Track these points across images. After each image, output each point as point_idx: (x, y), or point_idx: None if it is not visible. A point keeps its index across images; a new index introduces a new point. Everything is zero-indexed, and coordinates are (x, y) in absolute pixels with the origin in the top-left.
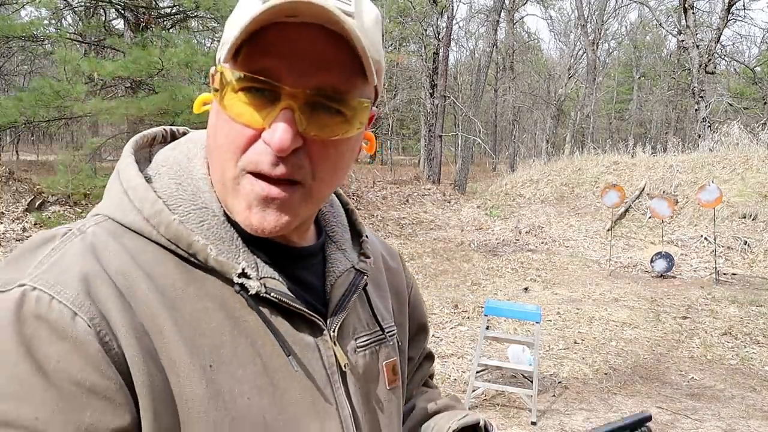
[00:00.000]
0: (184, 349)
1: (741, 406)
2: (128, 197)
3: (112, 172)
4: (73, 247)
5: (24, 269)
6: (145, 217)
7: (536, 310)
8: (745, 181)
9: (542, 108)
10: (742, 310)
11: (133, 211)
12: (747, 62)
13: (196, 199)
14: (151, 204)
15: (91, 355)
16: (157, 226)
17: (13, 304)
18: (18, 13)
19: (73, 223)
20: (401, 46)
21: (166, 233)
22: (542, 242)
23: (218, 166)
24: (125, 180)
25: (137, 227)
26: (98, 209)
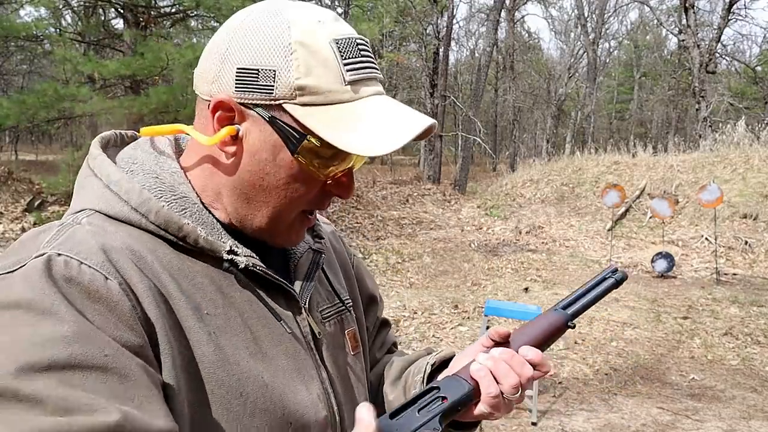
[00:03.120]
0: (192, 315)
1: (742, 407)
2: (111, 190)
3: (84, 167)
4: (78, 230)
5: (33, 248)
6: (133, 206)
7: (536, 311)
8: (746, 181)
9: (542, 108)
10: (742, 310)
11: (119, 202)
12: (748, 62)
13: (174, 190)
14: (138, 194)
15: (125, 315)
16: (146, 214)
17: (41, 267)
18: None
19: (62, 219)
20: (401, 46)
21: (156, 219)
22: (542, 242)
23: (273, 207)
24: (104, 175)
25: (125, 217)
26: (80, 205)
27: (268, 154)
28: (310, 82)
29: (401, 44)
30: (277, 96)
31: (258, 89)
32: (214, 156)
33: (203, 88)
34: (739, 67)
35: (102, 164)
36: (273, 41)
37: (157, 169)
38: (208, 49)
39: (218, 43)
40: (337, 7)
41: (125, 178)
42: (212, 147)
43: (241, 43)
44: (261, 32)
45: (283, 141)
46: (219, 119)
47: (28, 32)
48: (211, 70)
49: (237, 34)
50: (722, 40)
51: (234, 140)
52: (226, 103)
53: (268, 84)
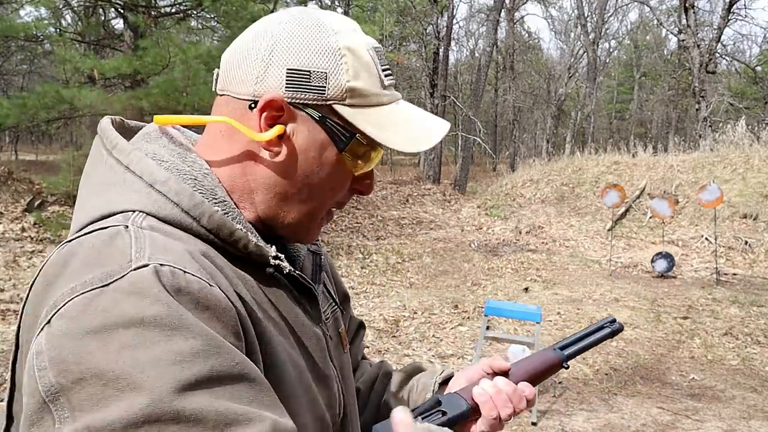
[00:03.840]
0: (265, 322)
1: (742, 407)
2: (157, 191)
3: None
4: (151, 234)
5: (120, 257)
6: (184, 209)
7: (537, 311)
8: (746, 181)
9: (542, 108)
10: (742, 310)
11: (168, 204)
12: (748, 62)
13: (215, 194)
14: (190, 197)
15: (232, 322)
16: (198, 218)
17: (153, 279)
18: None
19: (111, 221)
20: (401, 46)
21: (209, 223)
22: (542, 242)
23: (311, 205)
24: (147, 174)
25: (176, 220)
26: (121, 204)
27: (316, 153)
28: (359, 85)
29: (401, 44)
30: (328, 97)
31: (310, 89)
32: (254, 153)
33: (242, 89)
34: (739, 67)
35: (141, 160)
36: (322, 45)
37: (188, 169)
38: (242, 52)
39: (257, 47)
40: (337, 7)
41: (173, 178)
42: (253, 144)
43: (288, 46)
44: (308, 36)
45: (332, 139)
46: (267, 118)
47: (28, 32)
48: (253, 71)
49: (281, 37)
50: (722, 40)
51: (280, 139)
52: (277, 102)
53: (320, 85)
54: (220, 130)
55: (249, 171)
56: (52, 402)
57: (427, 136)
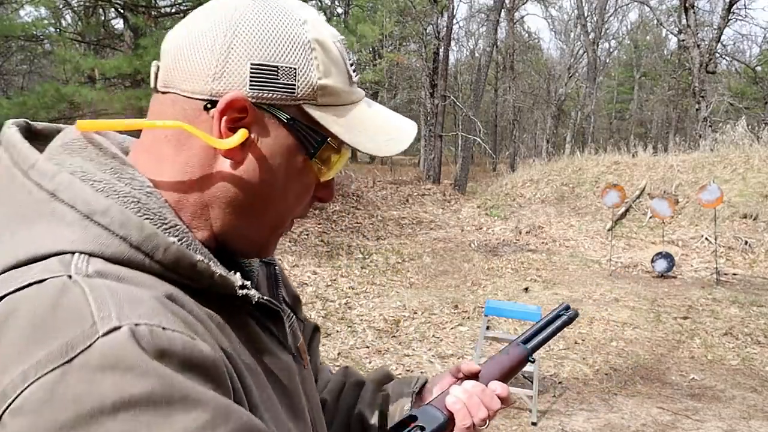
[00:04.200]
0: (238, 360)
1: (742, 407)
2: (97, 223)
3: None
4: (106, 284)
5: (77, 322)
6: (133, 244)
7: (537, 311)
8: (746, 181)
9: (542, 108)
10: (743, 310)
11: (114, 239)
12: (748, 62)
13: (164, 218)
14: (138, 228)
15: (222, 375)
16: (152, 252)
17: (133, 346)
18: (17, 12)
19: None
20: (401, 46)
21: (165, 258)
22: (542, 242)
23: (274, 217)
24: (81, 202)
25: (125, 258)
26: (54, 244)
27: (282, 160)
28: (329, 83)
29: (401, 44)
30: (298, 96)
31: (277, 88)
32: (209, 163)
33: (195, 87)
34: (739, 67)
35: (72, 184)
36: (290, 37)
37: (127, 189)
38: (193, 42)
39: (212, 36)
40: (337, 7)
41: (115, 206)
42: (209, 152)
43: (252, 37)
44: (274, 26)
45: (301, 144)
46: (228, 121)
47: (28, 32)
48: (208, 65)
49: (241, 26)
50: (722, 40)
51: (242, 145)
52: (240, 102)
53: (288, 83)
54: (165, 136)
55: (203, 184)
56: None
57: (399, 138)
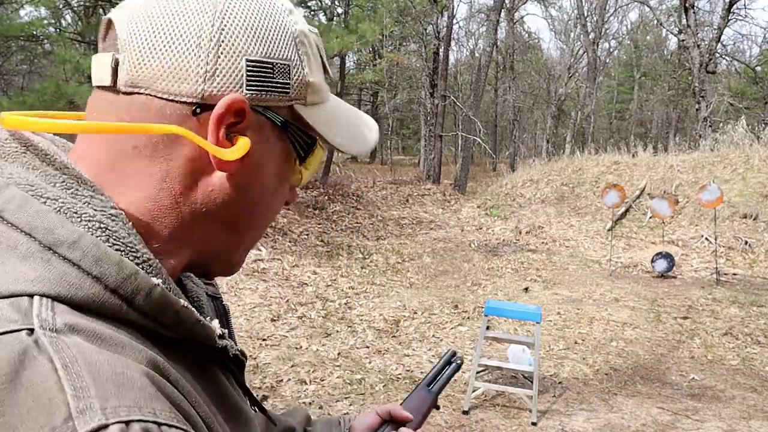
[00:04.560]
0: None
1: (742, 407)
2: (63, 258)
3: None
4: (81, 351)
5: (47, 414)
6: (110, 286)
7: (536, 311)
8: (746, 181)
9: (542, 108)
10: (742, 310)
11: (86, 280)
12: (748, 62)
13: (136, 251)
14: (117, 266)
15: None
16: (131, 297)
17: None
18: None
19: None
20: (401, 46)
21: (146, 304)
22: (542, 242)
23: (259, 230)
24: (41, 229)
25: (97, 304)
26: (8, 284)
27: (274, 167)
28: (314, 80)
29: (401, 44)
30: (292, 96)
31: (274, 88)
32: (196, 176)
33: (179, 87)
34: (739, 67)
35: (25, 202)
36: (282, 29)
37: (90, 211)
38: (170, 32)
39: (195, 26)
40: (338, 7)
41: (85, 236)
42: (195, 164)
43: (244, 29)
44: (264, 17)
45: (293, 148)
46: (226, 127)
47: (28, 32)
48: (196, 62)
49: (229, 15)
50: (722, 40)
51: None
52: (239, 105)
53: (283, 81)
54: (134, 146)
55: (186, 201)
56: None
57: (367, 134)
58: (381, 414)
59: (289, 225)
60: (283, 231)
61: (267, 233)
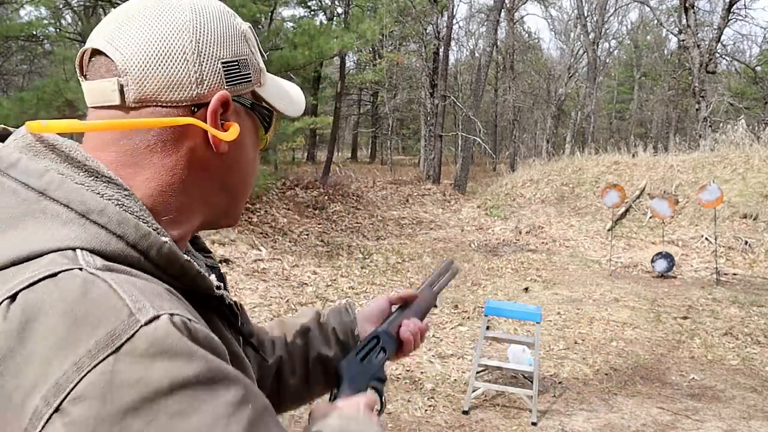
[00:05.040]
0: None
1: (742, 407)
2: (94, 222)
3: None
4: (123, 277)
5: (113, 311)
6: (130, 243)
7: (536, 311)
8: (746, 181)
9: (542, 108)
10: (743, 310)
11: (112, 238)
12: (748, 62)
13: (146, 220)
14: (135, 227)
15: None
16: (147, 251)
17: (173, 332)
18: (17, 12)
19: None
20: (401, 46)
21: (158, 258)
22: (542, 242)
23: (249, 188)
24: (76, 201)
25: (122, 256)
26: (50, 242)
27: (251, 139)
28: (262, 64)
29: (401, 44)
30: (253, 82)
31: (242, 79)
32: (202, 160)
33: (179, 95)
34: (739, 67)
35: (64, 184)
36: (235, 31)
37: (109, 192)
38: (160, 53)
39: (178, 43)
40: (338, 7)
41: (111, 206)
42: (198, 151)
43: (213, 37)
44: (222, 23)
45: (260, 122)
46: (218, 117)
47: (28, 32)
48: (187, 73)
49: (201, 29)
50: (722, 40)
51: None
52: (225, 98)
53: (246, 72)
54: (147, 145)
55: (193, 182)
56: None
57: (300, 98)
58: (393, 301)
59: (289, 225)
60: (283, 231)
61: (267, 233)
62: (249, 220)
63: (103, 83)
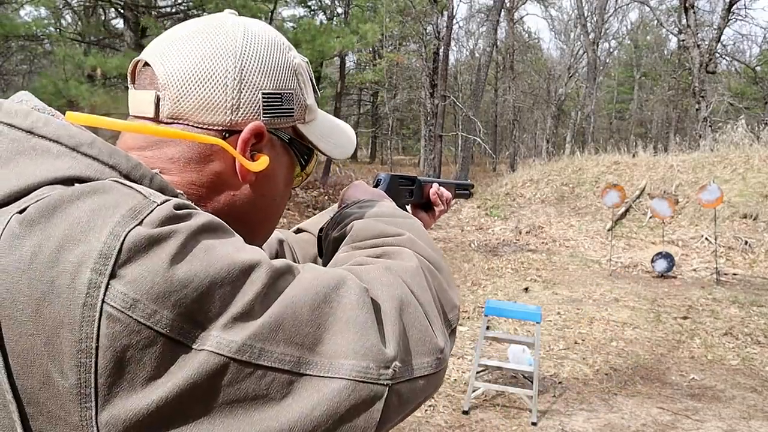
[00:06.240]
0: None
1: (742, 407)
2: (84, 154)
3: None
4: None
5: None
6: (123, 172)
7: (536, 311)
8: (746, 181)
9: (542, 108)
10: (742, 310)
11: (105, 168)
12: (748, 62)
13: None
14: (126, 158)
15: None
16: (139, 180)
17: (183, 206)
18: (17, 12)
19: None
20: (401, 46)
21: (151, 186)
22: (542, 242)
23: (272, 226)
24: (65, 136)
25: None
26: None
27: (282, 175)
28: (310, 102)
29: (401, 44)
30: (295, 118)
31: (283, 113)
32: (227, 184)
33: (213, 118)
34: (739, 67)
35: (50, 122)
36: (285, 65)
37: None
38: (200, 75)
39: (221, 69)
40: (338, 7)
41: (99, 139)
42: (226, 175)
43: (258, 68)
44: (272, 55)
45: (296, 159)
46: (250, 147)
47: (28, 32)
48: (224, 97)
49: (246, 58)
50: (722, 40)
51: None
52: (260, 129)
53: (289, 107)
54: (171, 157)
55: (216, 204)
56: (181, 332)
57: (350, 141)
58: None
59: (289, 225)
60: None
61: None
62: None
63: (143, 94)
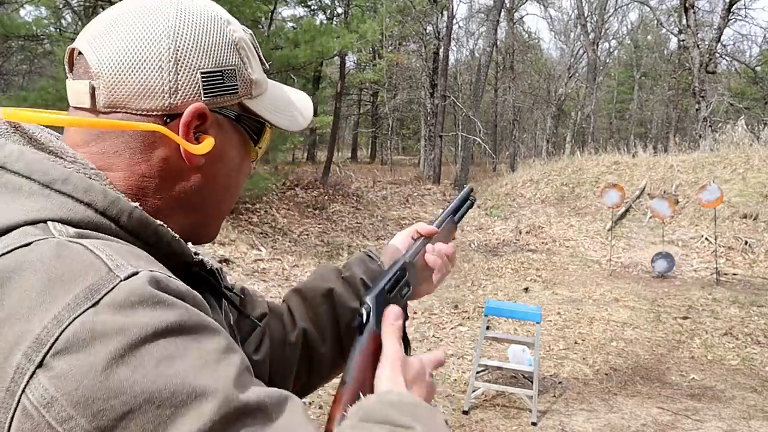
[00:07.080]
0: None
1: (742, 407)
2: (58, 191)
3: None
4: (98, 242)
5: (92, 269)
6: (99, 210)
7: (536, 311)
8: (746, 181)
9: (542, 108)
10: (742, 310)
11: (80, 206)
12: (748, 62)
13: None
14: (102, 194)
15: (205, 310)
16: (117, 217)
17: (153, 286)
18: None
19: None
20: (401, 46)
21: (129, 222)
22: (542, 242)
23: (230, 203)
24: (38, 172)
25: (92, 224)
26: (17, 215)
27: (235, 152)
28: (256, 76)
29: (401, 44)
30: (240, 94)
31: (225, 90)
32: (173, 171)
33: (150, 104)
34: (739, 67)
35: (23, 155)
36: (224, 40)
37: (75, 166)
38: (133, 60)
39: (154, 51)
40: (337, 7)
41: (75, 174)
42: (171, 161)
43: (193, 47)
44: (209, 32)
45: (247, 135)
46: (193, 129)
47: (28, 32)
48: (161, 81)
49: (181, 37)
50: (722, 40)
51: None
52: (201, 110)
53: (232, 84)
54: (116, 149)
55: (162, 194)
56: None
57: (303, 112)
58: (412, 236)
59: (289, 225)
60: (283, 231)
61: (267, 233)
62: (249, 220)
63: (78, 84)
